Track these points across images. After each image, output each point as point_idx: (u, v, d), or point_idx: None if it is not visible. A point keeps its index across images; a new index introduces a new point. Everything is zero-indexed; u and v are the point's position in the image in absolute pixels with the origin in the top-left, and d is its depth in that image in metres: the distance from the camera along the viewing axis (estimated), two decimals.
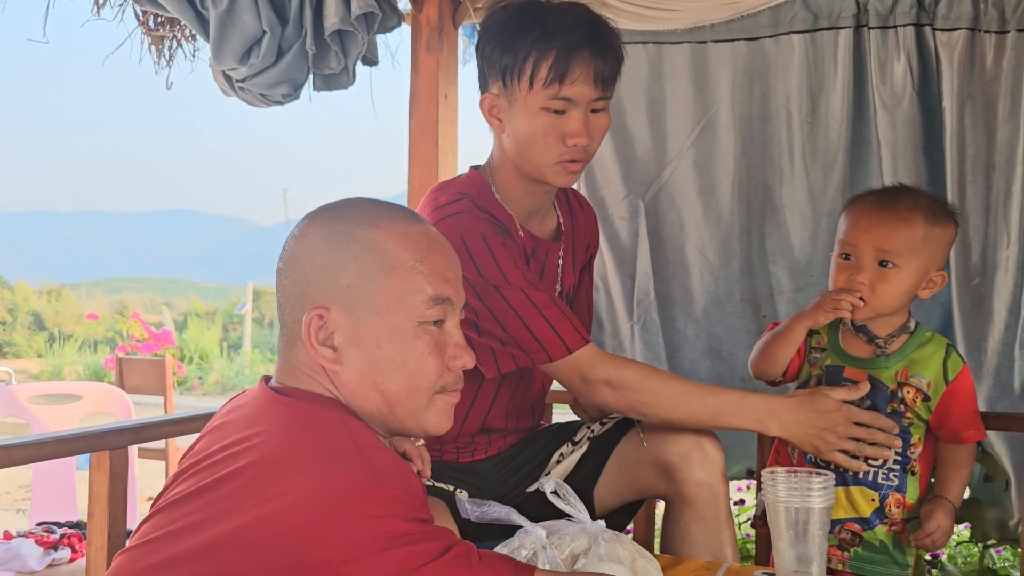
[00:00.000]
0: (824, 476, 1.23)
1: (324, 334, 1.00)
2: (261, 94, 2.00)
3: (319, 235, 1.03)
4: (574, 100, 1.46)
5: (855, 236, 1.56)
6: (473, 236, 1.45)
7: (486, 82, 1.53)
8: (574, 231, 1.72)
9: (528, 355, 1.45)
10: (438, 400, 1.04)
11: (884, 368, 1.57)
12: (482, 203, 1.52)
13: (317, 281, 1.01)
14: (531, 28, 1.46)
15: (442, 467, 1.59)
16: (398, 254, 1.02)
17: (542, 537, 1.08)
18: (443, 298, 1.03)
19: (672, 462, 1.48)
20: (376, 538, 0.87)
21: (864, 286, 1.53)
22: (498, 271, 1.44)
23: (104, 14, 2.41)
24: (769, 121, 2.44)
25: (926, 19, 2.27)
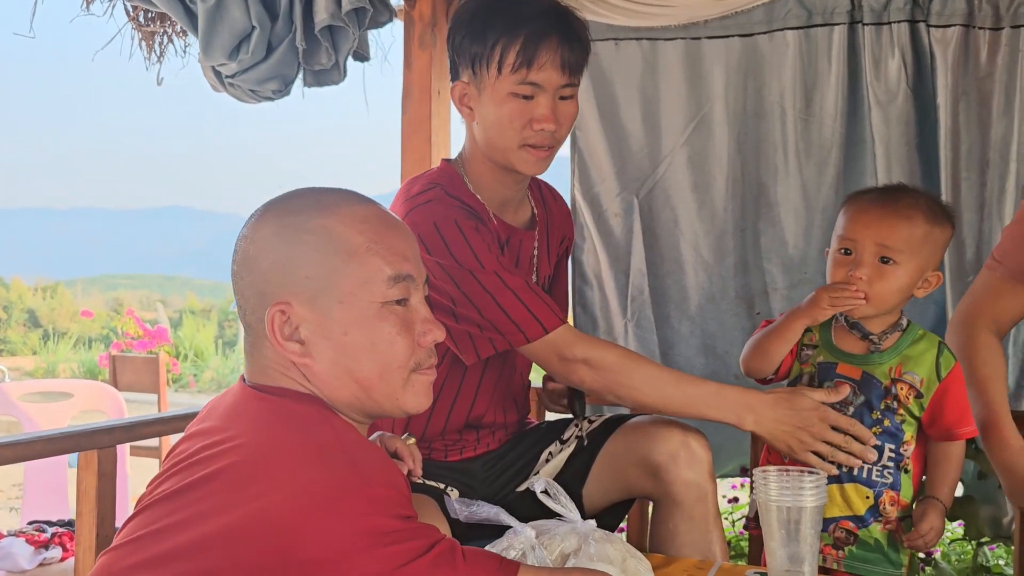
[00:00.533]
0: (816, 475, 1.22)
1: (289, 329, 0.99)
2: (251, 90, 1.98)
3: (270, 231, 1.02)
4: (542, 85, 1.47)
5: (856, 231, 1.55)
6: (446, 222, 1.45)
7: (456, 72, 1.55)
8: (548, 222, 1.72)
9: (505, 337, 1.45)
10: (414, 379, 1.04)
11: (878, 364, 1.57)
12: (454, 192, 1.52)
13: (275, 277, 1.00)
14: (499, 16, 1.48)
15: (432, 465, 1.58)
16: (352, 238, 1.01)
17: (531, 537, 1.07)
18: (403, 275, 1.02)
19: (659, 462, 1.47)
20: (361, 536, 0.87)
21: (863, 281, 1.53)
22: (472, 256, 1.44)
23: (94, 9, 2.40)
24: (763, 117, 2.44)
25: (920, 15, 2.27)
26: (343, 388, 1.01)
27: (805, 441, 1.47)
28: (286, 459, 0.90)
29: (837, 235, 1.59)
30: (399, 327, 1.02)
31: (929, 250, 1.55)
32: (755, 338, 1.66)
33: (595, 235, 2.58)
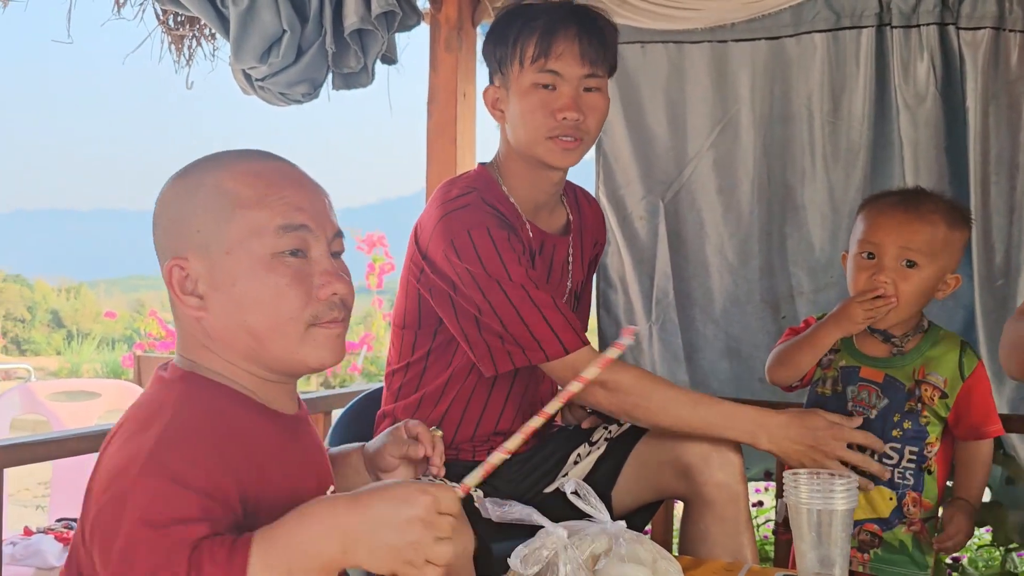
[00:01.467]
0: (847, 478, 1.22)
1: (190, 284, 1.00)
2: (281, 93, 2.00)
3: (172, 191, 1.04)
4: (561, 74, 1.50)
5: (879, 235, 1.55)
6: (479, 230, 1.47)
7: (490, 79, 1.61)
8: (582, 227, 1.73)
9: (525, 353, 1.46)
10: (314, 333, 1.01)
11: (901, 367, 1.57)
12: (489, 197, 1.54)
13: (172, 233, 1.02)
14: (518, 17, 1.54)
15: (457, 466, 1.59)
16: (241, 190, 1.00)
17: (563, 537, 1.08)
18: (296, 225, 1.00)
19: (691, 463, 1.47)
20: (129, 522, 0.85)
21: (887, 285, 1.53)
22: (501, 266, 1.45)
23: (124, 13, 2.43)
24: (790, 121, 2.43)
25: (950, 18, 2.25)
26: (238, 340, 1.00)
27: (818, 460, 1.47)
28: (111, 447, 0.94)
29: (858, 239, 1.59)
30: (290, 278, 0.99)
31: (949, 253, 1.57)
32: (782, 348, 1.66)
33: (620, 238, 2.58)
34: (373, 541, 0.85)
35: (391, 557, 0.85)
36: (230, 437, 0.95)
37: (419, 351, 1.61)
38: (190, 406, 0.96)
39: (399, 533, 0.85)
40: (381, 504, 0.86)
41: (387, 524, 0.85)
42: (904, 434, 1.57)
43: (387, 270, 7.78)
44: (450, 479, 1.54)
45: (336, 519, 0.85)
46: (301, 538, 0.85)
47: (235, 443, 0.95)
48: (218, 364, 1.02)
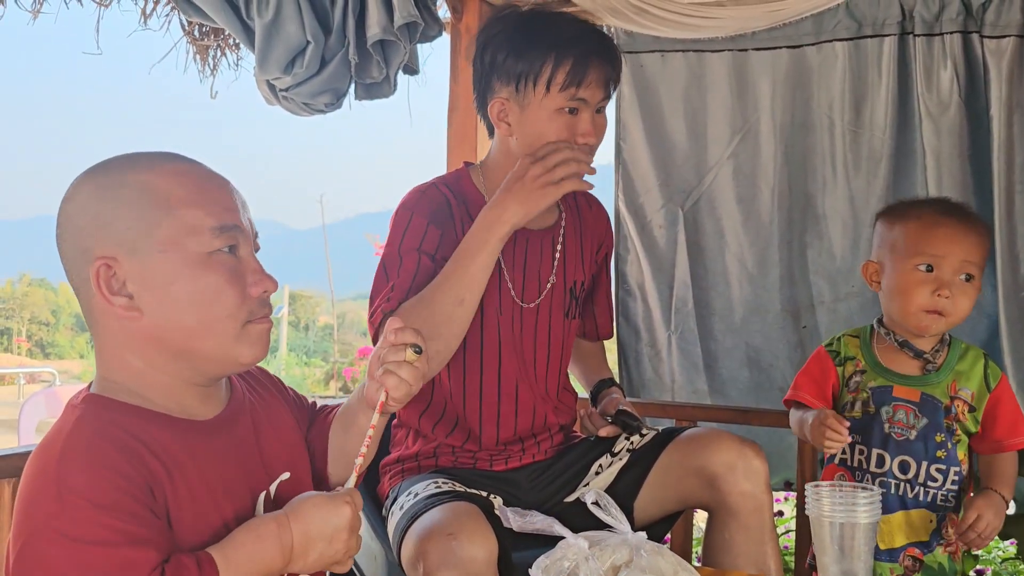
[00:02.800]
0: (870, 491, 1.22)
1: (117, 283, 0.98)
2: (304, 103, 2.02)
3: (88, 190, 1.01)
4: (587, 101, 1.55)
5: (941, 246, 1.50)
6: (404, 211, 1.57)
7: (491, 87, 1.59)
8: (581, 227, 1.74)
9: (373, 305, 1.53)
10: (251, 329, 1.03)
11: (936, 383, 1.54)
12: (452, 187, 1.61)
13: (94, 233, 0.99)
14: (544, 37, 1.54)
15: (475, 474, 1.59)
16: (172, 190, 1.00)
17: (584, 548, 1.08)
18: (229, 226, 1.02)
19: (716, 472, 1.47)
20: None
21: (948, 300, 1.49)
22: (397, 243, 1.54)
23: (151, 24, 2.46)
24: (811, 129, 2.42)
25: (973, 26, 2.24)
26: (170, 340, 1.00)
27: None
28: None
29: (908, 249, 1.52)
30: (227, 277, 1.00)
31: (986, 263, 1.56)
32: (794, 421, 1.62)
33: (639, 246, 2.58)
34: (308, 555, 0.99)
35: (322, 561, 1.00)
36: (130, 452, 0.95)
37: None
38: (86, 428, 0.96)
39: (331, 543, 0.99)
40: (316, 521, 0.99)
41: (322, 537, 0.99)
42: (948, 454, 1.53)
43: None
44: (469, 486, 1.54)
45: (282, 537, 0.97)
46: (257, 555, 0.97)
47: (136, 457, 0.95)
48: (135, 373, 1.01)
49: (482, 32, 1.64)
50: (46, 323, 25.22)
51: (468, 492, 1.50)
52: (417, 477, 1.56)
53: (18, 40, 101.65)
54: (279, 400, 1.21)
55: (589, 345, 1.89)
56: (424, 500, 1.42)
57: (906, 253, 1.53)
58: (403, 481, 1.57)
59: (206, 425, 1.05)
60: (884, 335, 1.57)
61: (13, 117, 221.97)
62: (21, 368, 15.23)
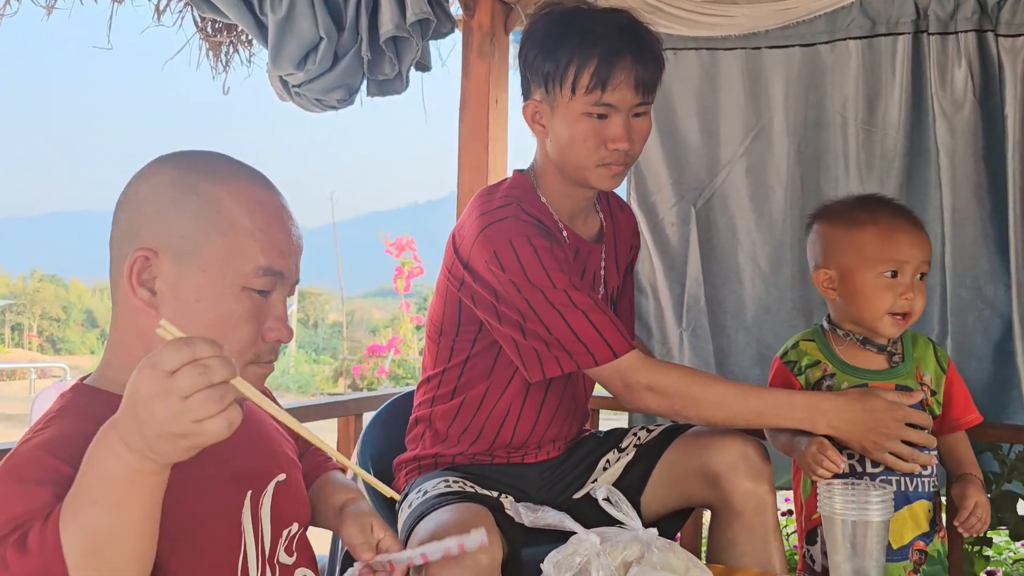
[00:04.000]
0: (883, 489, 1.21)
1: (147, 276, 0.99)
2: (317, 99, 2.03)
3: (166, 179, 1.01)
4: (615, 106, 1.48)
5: (906, 253, 1.51)
6: (520, 240, 1.46)
7: (529, 89, 1.56)
8: (616, 232, 1.73)
9: (573, 358, 1.45)
10: (250, 370, 1.02)
11: (906, 374, 1.57)
12: (528, 206, 1.53)
13: (151, 223, 0.99)
14: (572, 35, 1.48)
15: (488, 470, 1.60)
16: (238, 216, 1.00)
17: (596, 544, 1.08)
18: (276, 271, 1.01)
19: (719, 471, 1.46)
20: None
21: (912, 303, 1.52)
22: (544, 273, 1.44)
23: (164, 20, 2.48)
24: (824, 128, 2.41)
25: (988, 25, 2.22)
26: None
27: (879, 442, 1.44)
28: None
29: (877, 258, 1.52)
30: (250, 314, 1.00)
31: None
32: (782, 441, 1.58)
33: (651, 244, 2.57)
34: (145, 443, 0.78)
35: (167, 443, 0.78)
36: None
37: (457, 357, 1.60)
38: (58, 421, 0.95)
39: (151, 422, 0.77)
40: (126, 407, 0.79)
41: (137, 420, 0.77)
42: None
43: (415, 274, 7.81)
44: (481, 486, 1.54)
45: (105, 439, 0.80)
46: (89, 469, 0.81)
47: None
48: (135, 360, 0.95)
49: (525, 29, 1.59)
50: (57, 319, 25.34)
51: (478, 493, 1.50)
52: (430, 474, 1.56)
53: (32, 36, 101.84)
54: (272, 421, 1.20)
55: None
56: (432, 499, 1.42)
57: (870, 261, 1.52)
58: (417, 477, 1.58)
59: None
60: (843, 336, 1.56)
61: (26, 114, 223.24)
62: (32, 363, 15.34)
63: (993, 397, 2.34)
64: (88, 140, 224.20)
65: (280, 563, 1.09)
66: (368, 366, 10.24)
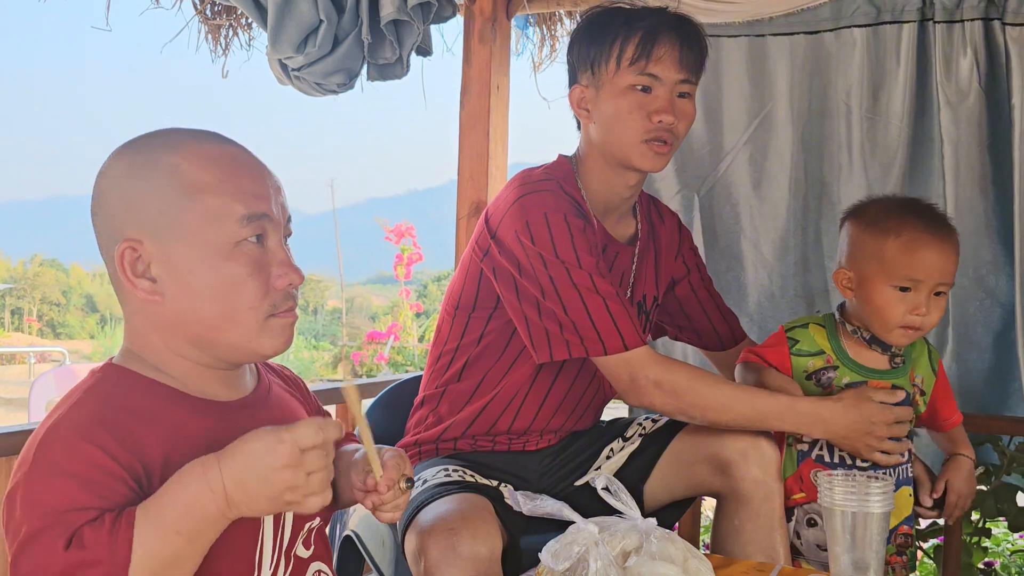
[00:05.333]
0: (884, 480, 1.21)
1: (142, 266, 0.98)
2: (316, 83, 2.01)
3: (122, 167, 1.00)
4: (660, 78, 1.50)
5: (922, 272, 1.49)
6: (555, 214, 1.46)
7: (575, 77, 1.59)
8: (656, 241, 1.71)
9: (584, 344, 1.44)
10: (272, 323, 1.01)
11: (904, 375, 1.58)
12: (567, 188, 1.54)
13: (123, 213, 0.99)
14: (617, 17, 1.53)
15: (488, 457, 1.59)
16: (200, 176, 0.98)
17: (594, 533, 1.07)
18: (257, 215, 0.99)
19: (729, 459, 1.47)
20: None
21: (924, 319, 1.51)
22: (573, 251, 1.44)
23: (163, 3, 2.45)
24: (828, 116, 2.39)
25: (995, 13, 2.20)
26: (188, 327, 0.99)
27: (871, 444, 1.49)
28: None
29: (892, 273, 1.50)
30: (251, 268, 0.99)
31: None
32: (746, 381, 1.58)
33: None
34: (250, 497, 0.88)
35: (271, 504, 0.89)
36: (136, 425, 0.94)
37: (471, 335, 1.59)
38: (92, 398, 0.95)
39: (270, 485, 0.88)
40: (247, 461, 0.88)
41: (257, 479, 0.87)
42: (910, 436, 1.59)
43: (414, 260, 7.80)
44: (481, 475, 1.54)
45: (212, 480, 0.88)
46: (184, 501, 0.88)
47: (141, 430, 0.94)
48: (157, 351, 1.01)
49: (573, 33, 1.64)
50: (57, 303, 25.35)
51: (478, 482, 1.50)
52: (431, 461, 1.56)
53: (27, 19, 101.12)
54: (302, 403, 1.20)
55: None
56: (432, 489, 1.41)
57: (885, 274, 1.51)
58: (418, 463, 1.57)
59: (227, 406, 1.04)
60: (851, 331, 1.56)
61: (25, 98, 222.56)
62: (32, 347, 15.35)
63: (993, 388, 2.33)
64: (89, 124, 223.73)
65: (296, 556, 1.08)
66: (367, 353, 10.23)
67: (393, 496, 1.06)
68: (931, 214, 1.57)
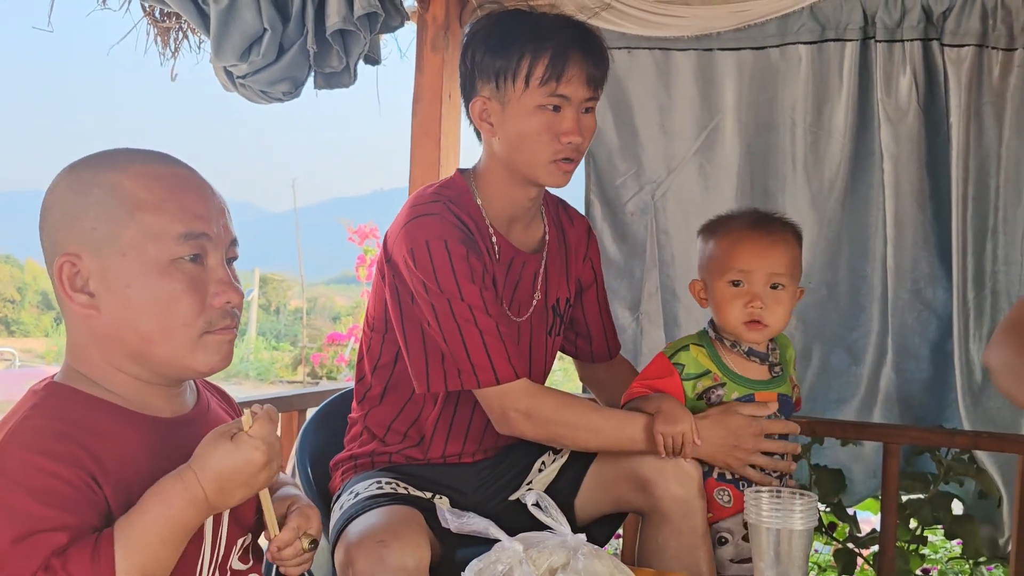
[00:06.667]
0: (807, 497, 1.23)
1: (81, 281, 0.99)
2: (262, 91, 1.99)
3: (65, 184, 1.02)
4: (569, 97, 1.49)
5: (747, 262, 1.54)
6: (437, 241, 1.46)
7: (474, 87, 1.54)
8: (566, 244, 1.71)
9: (460, 376, 1.46)
10: (208, 339, 1.02)
11: (783, 382, 1.61)
12: (458, 208, 1.52)
13: (64, 227, 1.00)
14: (523, 31, 1.49)
15: (424, 470, 1.59)
16: (141, 194, 1.00)
17: (519, 552, 1.08)
18: (196, 233, 1.01)
19: (648, 476, 1.47)
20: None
21: (762, 310, 1.54)
22: (454, 282, 1.44)
23: (110, 4, 2.42)
24: (773, 129, 2.44)
25: (934, 34, 2.26)
26: (125, 342, 1.00)
27: (740, 458, 1.49)
28: None
29: (723, 267, 1.55)
30: (187, 285, 1.00)
31: (800, 269, 1.60)
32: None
33: (608, 236, 2.58)
34: (231, 496, 0.96)
35: (246, 493, 0.98)
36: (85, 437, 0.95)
37: (386, 356, 1.59)
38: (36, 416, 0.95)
39: (253, 484, 0.97)
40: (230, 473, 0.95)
41: (240, 484, 0.96)
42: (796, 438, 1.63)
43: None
44: (416, 487, 1.54)
45: (195, 494, 0.94)
46: (164, 517, 0.93)
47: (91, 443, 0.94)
48: (97, 367, 1.02)
49: (467, 35, 1.59)
50: (11, 300, 24.79)
51: (410, 495, 1.49)
52: (364, 475, 1.55)
53: None
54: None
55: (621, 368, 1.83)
56: (363, 502, 1.41)
57: (718, 270, 1.57)
58: (352, 477, 1.57)
59: (168, 422, 1.05)
60: (730, 346, 1.58)
61: None
62: None
63: (932, 397, 2.39)
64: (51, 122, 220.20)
65: (232, 568, 1.09)
66: (328, 354, 10.14)
67: (294, 553, 1.10)
68: (758, 215, 1.63)
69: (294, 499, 1.18)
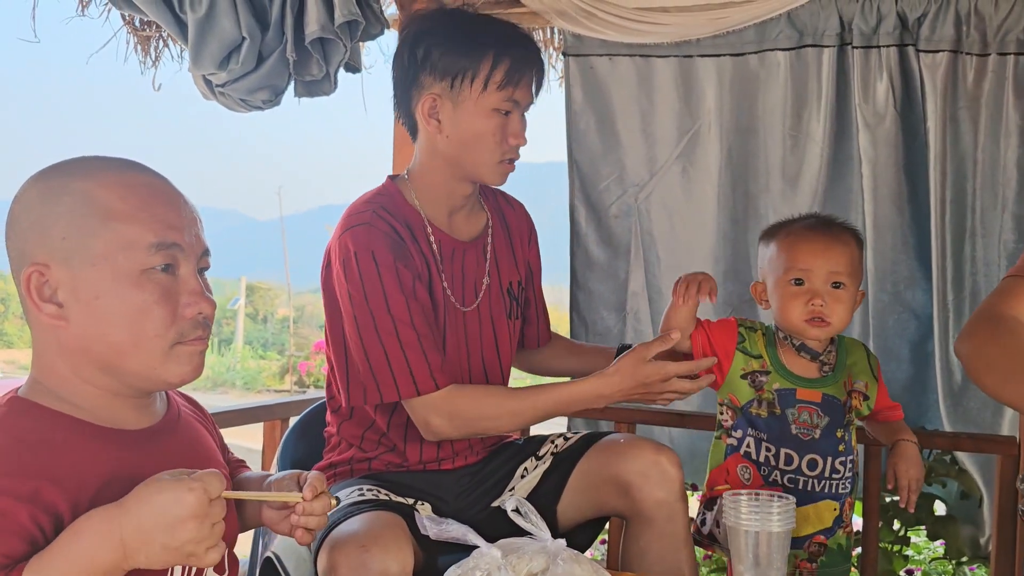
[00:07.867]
0: (785, 500, 1.24)
1: (49, 291, 0.98)
2: (241, 99, 1.99)
3: (35, 192, 1.00)
4: (519, 103, 1.56)
5: (808, 261, 1.58)
6: (365, 254, 1.48)
7: (418, 83, 1.56)
8: (508, 228, 1.74)
9: (379, 389, 1.48)
10: (180, 350, 1.01)
11: (834, 383, 1.62)
12: (389, 215, 1.54)
13: (33, 237, 0.98)
14: (485, 35, 1.55)
15: (404, 477, 1.59)
16: (113, 203, 0.98)
17: (497, 558, 1.08)
18: (168, 244, 1.00)
19: (630, 480, 1.48)
20: None
21: (823, 307, 1.56)
22: (381, 294, 1.47)
23: (90, 12, 2.41)
24: (753, 134, 2.46)
25: (909, 40, 2.28)
26: (95, 353, 0.99)
27: (650, 397, 1.54)
28: None
29: (784, 267, 1.59)
30: (158, 296, 0.99)
31: (860, 271, 1.65)
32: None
33: (592, 239, 2.59)
34: (150, 548, 0.88)
35: (170, 556, 0.89)
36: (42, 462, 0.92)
37: None
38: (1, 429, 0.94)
39: (174, 534, 0.88)
40: (152, 511, 0.87)
41: (160, 529, 0.87)
42: (846, 446, 1.62)
43: None
44: (397, 494, 1.54)
45: (110, 530, 0.87)
46: (77, 553, 0.87)
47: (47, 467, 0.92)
48: (64, 379, 1.00)
49: (410, 28, 1.60)
50: None
51: (392, 501, 1.49)
52: (346, 482, 1.55)
53: None
54: (210, 430, 1.20)
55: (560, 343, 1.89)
56: (345, 508, 1.40)
57: (779, 270, 1.61)
58: (333, 485, 1.56)
59: (136, 435, 1.03)
60: (784, 339, 1.62)
61: None
62: None
63: (913, 398, 2.41)
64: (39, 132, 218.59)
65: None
66: (315, 363, 10.11)
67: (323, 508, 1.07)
68: (819, 218, 1.68)
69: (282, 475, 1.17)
